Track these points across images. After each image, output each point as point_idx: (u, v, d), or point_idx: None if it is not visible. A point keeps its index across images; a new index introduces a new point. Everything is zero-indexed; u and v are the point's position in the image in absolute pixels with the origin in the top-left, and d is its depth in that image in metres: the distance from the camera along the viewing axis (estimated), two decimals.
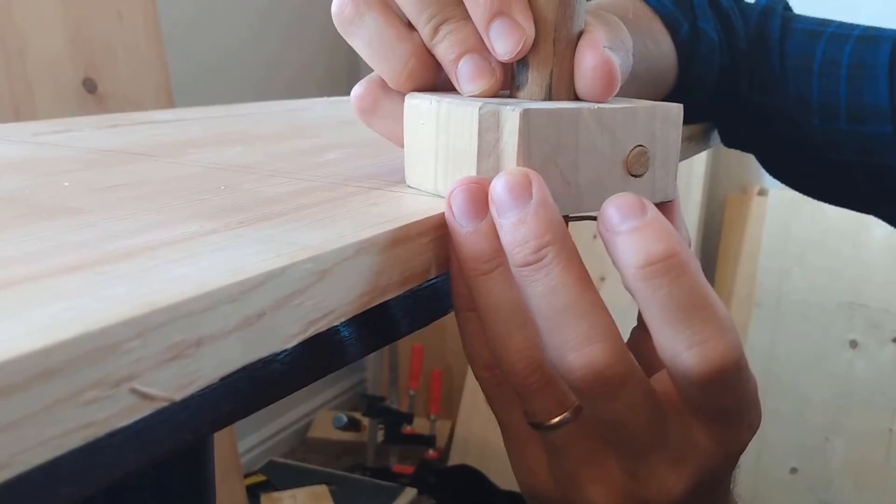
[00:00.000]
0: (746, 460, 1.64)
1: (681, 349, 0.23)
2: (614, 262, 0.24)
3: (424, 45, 0.28)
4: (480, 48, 0.27)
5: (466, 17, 0.27)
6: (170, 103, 1.11)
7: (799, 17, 0.56)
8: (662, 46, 0.48)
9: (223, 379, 0.18)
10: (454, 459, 1.79)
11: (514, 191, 0.24)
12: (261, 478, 1.68)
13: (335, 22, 0.29)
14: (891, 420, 1.53)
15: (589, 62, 0.27)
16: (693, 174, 1.66)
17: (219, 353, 0.17)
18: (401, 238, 0.24)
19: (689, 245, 0.30)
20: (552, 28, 0.27)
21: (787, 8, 0.58)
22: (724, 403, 0.24)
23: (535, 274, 0.24)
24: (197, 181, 0.30)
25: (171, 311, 0.16)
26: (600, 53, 0.27)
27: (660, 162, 0.28)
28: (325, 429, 1.97)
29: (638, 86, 0.43)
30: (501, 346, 0.25)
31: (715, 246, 1.75)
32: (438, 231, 0.26)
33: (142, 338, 0.15)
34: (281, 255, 0.19)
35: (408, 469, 1.78)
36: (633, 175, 0.28)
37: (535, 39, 0.27)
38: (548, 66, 0.28)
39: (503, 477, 1.65)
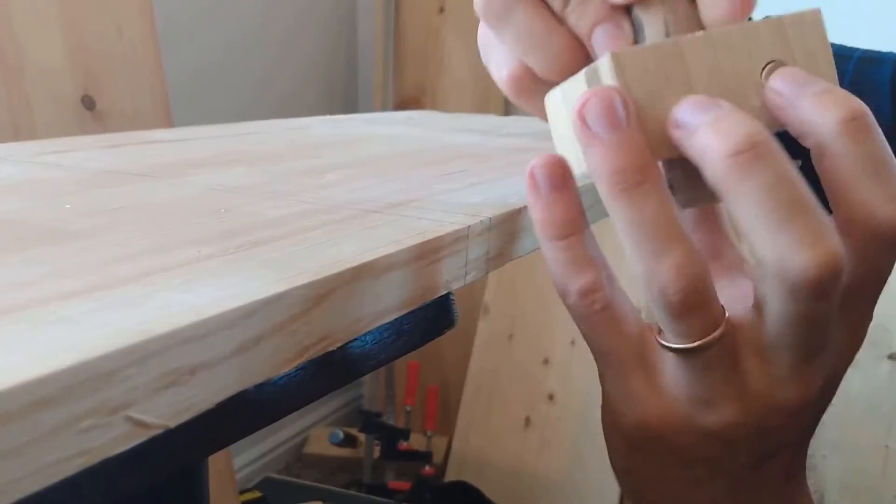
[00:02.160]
0: None
1: (880, 203, 0.23)
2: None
3: (575, 36, 0.28)
4: (610, 16, 0.27)
5: None
6: (168, 119, 1.11)
7: None
8: None
9: (219, 405, 0.18)
10: (451, 475, 1.79)
11: (699, 104, 0.24)
12: (256, 494, 1.67)
13: (481, 15, 0.28)
14: (887, 436, 1.52)
15: None
16: None
17: (214, 379, 0.17)
18: (397, 262, 0.24)
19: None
20: None
21: None
22: (882, 279, 0.25)
23: (754, 164, 0.22)
24: (197, 203, 0.30)
25: (167, 339, 0.16)
26: None
27: (805, 67, 0.26)
28: (322, 445, 1.96)
29: None
30: (656, 263, 0.23)
31: None
32: (436, 254, 0.27)
33: (138, 366, 0.15)
34: (278, 281, 0.20)
35: (404, 485, 1.77)
36: None
37: None
38: (660, 14, 0.27)
39: (500, 493, 1.64)
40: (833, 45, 0.58)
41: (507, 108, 1.84)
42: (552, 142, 0.30)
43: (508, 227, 0.32)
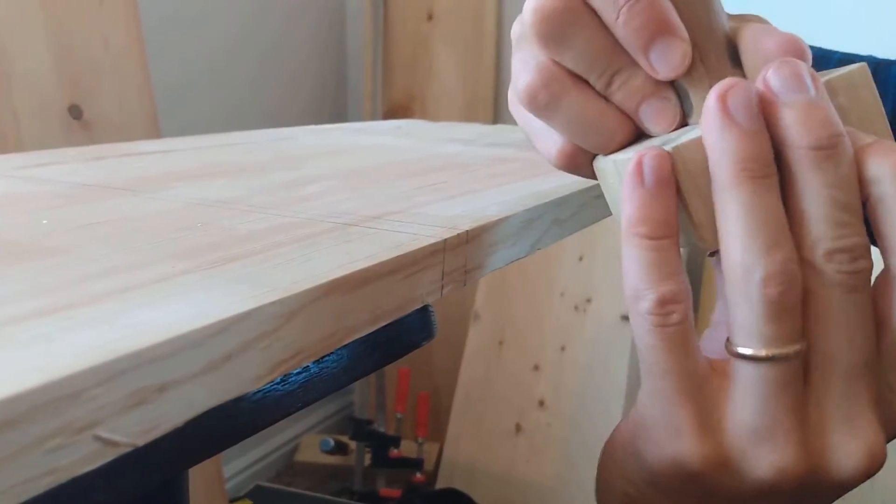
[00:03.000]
0: None
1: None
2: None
3: (623, 112, 0.28)
4: (655, 91, 0.27)
5: (633, 63, 0.27)
6: (156, 129, 1.11)
7: None
8: None
9: (189, 421, 0.18)
10: (441, 483, 1.79)
11: (796, 78, 0.24)
12: (247, 503, 1.67)
13: (526, 106, 0.28)
14: None
15: (771, 47, 0.26)
16: None
17: (183, 397, 0.17)
18: (371, 276, 0.25)
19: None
20: (696, 48, 0.27)
21: None
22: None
23: (825, 162, 0.23)
24: (175, 218, 0.30)
25: (134, 358, 0.16)
26: (777, 33, 0.26)
27: (860, 129, 0.26)
28: (312, 453, 1.96)
29: None
30: (765, 254, 0.23)
31: (699, 274, 1.76)
32: (412, 268, 0.27)
33: (105, 385, 0.15)
34: (249, 298, 0.20)
35: (395, 493, 1.77)
36: None
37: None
38: (705, 83, 0.27)
39: (491, 500, 1.64)
40: (812, 49, 0.59)
41: (496, 116, 1.85)
42: (535, 152, 0.30)
43: (486, 239, 0.32)
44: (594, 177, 0.30)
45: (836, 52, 0.55)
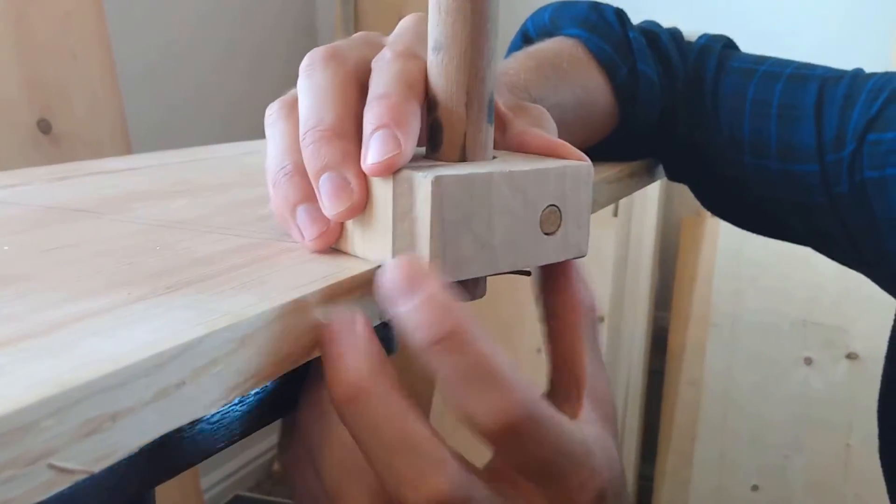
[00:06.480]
0: (707, 479, 1.66)
1: (471, 415, 0.25)
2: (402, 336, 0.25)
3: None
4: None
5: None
6: (126, 143, 1.11)
7: (737, 54, 0.58)
8: (595, 94, 0.50)
9: (145, 446, 0.19)
10: None
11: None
12: None
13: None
14: (847, 435, 1.56)
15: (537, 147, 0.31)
16: (648, 197, 1.70)
17: (136, 424, 0.18)
18: (327, 297, 0.25)
19: (594, 301, 0.32)
20: (464, 92, 0.28)
21: (729, 45, 0.60)
22: (537, 458, 0.25)
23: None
24: (135, 241, 0.31)
25: (85, 389, 0.17)
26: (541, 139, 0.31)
27: (572, 219, 0.30)
28: None
29: (568, 134, 0.45)
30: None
31: (672, 267, 1.78)
32: (367, 288, 0.28)
33: (57, 416, 0.16)
34: (200, 325, 0.21)
35: None
36: (545, 233, 0.29)
37: (449, 103, 0.29)
38: (461, 128, 0.29)
39: None
40: (767, 60, 0.60)
41: None
42: None
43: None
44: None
45: (790, 65, 0.56)
